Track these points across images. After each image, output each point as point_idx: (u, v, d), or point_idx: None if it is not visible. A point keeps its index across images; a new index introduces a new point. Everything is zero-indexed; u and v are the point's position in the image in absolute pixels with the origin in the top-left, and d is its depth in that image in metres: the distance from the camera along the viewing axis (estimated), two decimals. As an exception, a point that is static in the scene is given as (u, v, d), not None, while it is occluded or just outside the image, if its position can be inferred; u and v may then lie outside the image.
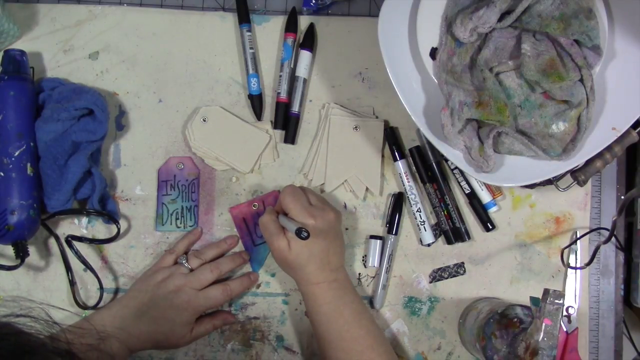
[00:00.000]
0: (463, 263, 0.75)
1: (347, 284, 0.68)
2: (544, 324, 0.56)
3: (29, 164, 0.69)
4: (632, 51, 0.65)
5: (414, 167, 0.75)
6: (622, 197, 0.75)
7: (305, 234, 0.61)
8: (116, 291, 0.74)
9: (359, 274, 0.75)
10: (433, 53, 0.67)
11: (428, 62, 0.67)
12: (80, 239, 0.73)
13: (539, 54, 0.63)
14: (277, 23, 0.77)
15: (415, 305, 0.75)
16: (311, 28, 0.76)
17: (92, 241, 0.73)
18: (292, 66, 0.76)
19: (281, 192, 0.69)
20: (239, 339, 0.74)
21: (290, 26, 0.75)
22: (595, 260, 0.69)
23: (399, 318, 0.74)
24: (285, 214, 0.68)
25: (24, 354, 0.39)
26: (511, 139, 0.64)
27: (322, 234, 0.66)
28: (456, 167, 0.74)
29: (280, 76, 0.75)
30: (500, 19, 0.64)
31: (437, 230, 0.75)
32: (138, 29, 0.76)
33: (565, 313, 0.72)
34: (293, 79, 0.76)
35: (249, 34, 0.75)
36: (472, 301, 0.74)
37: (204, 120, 0.75)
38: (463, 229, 0.74)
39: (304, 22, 0.77)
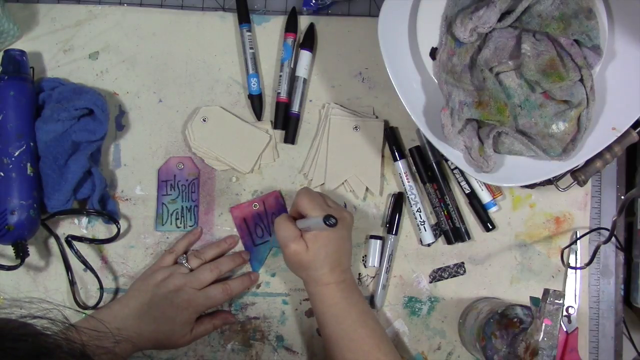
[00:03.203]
0: (463, 263, 0.75)
1: (353, 284, 0.68)
2: (544, 324, 0.56)
3: (29, 164, 0.69)
4: (632, 51, 0.65)
5: (414, 167, 0.75)
6: (622, 197, 0.75)
7: (334, 220, 0.59)
8: (116, 291, 0.74)
9: (359, 274, 0.75)
10: (433, 53, 0.67)
11: (428, 62, 0.67)
12: (80, 239, 0.73)
13: (539, 54, 0.63)
14: (277, 23, 0.77)
15: (415, 305, 0.75)
16: (311, 28, 0.76)
17: (92, 241, 0.73)
18: (292, 66, 0.76)
19: (296, 194, 0.68)
20: (239, 339, 0.74)
21: (290, 26, 0.75)
22: (595, 260, 0.69)
23: (399, 318, 0.74)
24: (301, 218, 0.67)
25: (40, 355, 0.39)
26: (511, 139, 0.64)
27: (339, 232, 0.66)
28: (456, 167, 0.74)
29: (280, 76, 0.75)
30: (500, 19, 0.64)
31: (437, 230, 0.75)
32: (138, 29, 0.76)
33: (565, 313, 0.72)
34: (293, 79, 0.76)
35: (249, 34, 0.75)
36: (472, 301, 0.74)
37: (204, 120, 0.75)
38: (463, 229, 0.74)
39: (304, 22, 0.77)
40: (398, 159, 0.74)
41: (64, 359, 0.40)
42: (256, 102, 0.75)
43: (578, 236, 0.74)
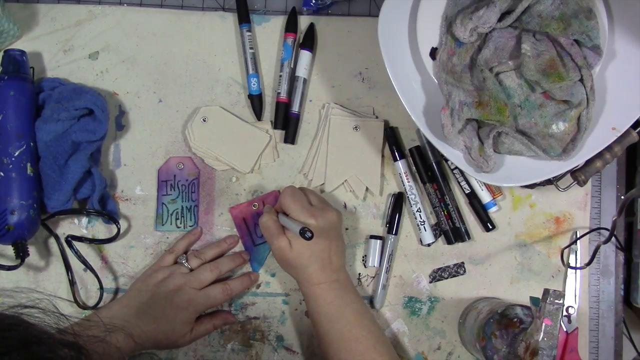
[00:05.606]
0: (463, 263, 0.75)
1: (348, 284, 0.68)
2: (544, 324, 0.56)
3: (29, 164, 0.69)
4: (632, 51, 0.65)
5: (414, 167, 0.75)
6: (622, 197, 0.75)
7: (310, 234, 0.60)
8: (116, 291, 0.74)
9: (359, 274, 0.75)
10: (433, 53, 0.67)
11: (428, 62, 0.67)
12: (80, 239, 0.73)
13: (539, 54, 0.63)
14: (277, 23, 0.77)
15: (415, 305, 0.75)
16: (311, 28, 0.76)
17: (92, 241, 0.73)
18: (292, 66, 0.76)
19: (281, 193, 0.69)
20: (239, 339, 0.74)
21: (290, 26, 0.75)
22: (595, 260, 0.69)
23: (399, 318, 0.74)
24: (285, 214, 0.68)
25: (31, 344, 0.39)
26: (511, 139, 0.64)
27: (323, 233, 0.66)
28: (456, 167, 0.74)
29: (280, 76, 0.75)
30: (500, 19, 0.64)
31: (437, 230, 0.75)
32: (138, 29, 0.76)
33: (565, 313, 0.72)
34: (293, 79, 0.76)
35: (249, 34, 0.75)
36: (472, 301, 0.74)
37: (204, 120, 0.75)
38: (463, 229, 0.74)
39: (304, 22, 0.77)
40: (398, 159, 0.74)
41: (56, 348, 0.40)
42: (256, 102, 0.75)
43: (578, 236, 0.74)
